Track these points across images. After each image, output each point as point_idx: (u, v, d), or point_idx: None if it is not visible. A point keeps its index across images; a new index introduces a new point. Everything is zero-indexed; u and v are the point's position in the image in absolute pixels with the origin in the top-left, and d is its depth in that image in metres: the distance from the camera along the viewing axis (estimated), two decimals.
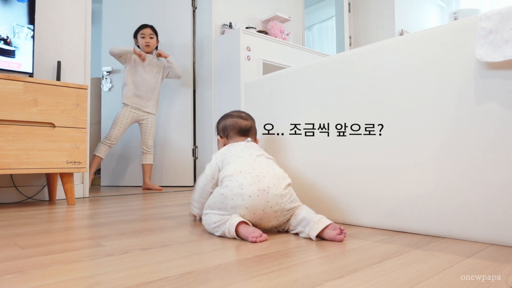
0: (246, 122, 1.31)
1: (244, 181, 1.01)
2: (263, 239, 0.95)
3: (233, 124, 1.29)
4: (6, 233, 1.12)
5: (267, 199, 0.99)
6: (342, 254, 0.82)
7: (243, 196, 0.99)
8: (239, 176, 1.03)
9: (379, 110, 1.13)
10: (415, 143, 1.04)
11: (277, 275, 0.67)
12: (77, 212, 1.61)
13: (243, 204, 0.99)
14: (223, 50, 2.89)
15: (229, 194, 1.01)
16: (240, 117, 1.31)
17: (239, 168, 1.06)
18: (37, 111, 1.75)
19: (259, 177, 1.02)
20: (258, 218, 1.01)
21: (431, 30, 1.03)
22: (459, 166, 0.95)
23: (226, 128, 1.30)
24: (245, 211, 0.99)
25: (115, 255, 0.83)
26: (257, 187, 1.00)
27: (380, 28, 3.87)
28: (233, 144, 1.22)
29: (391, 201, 1.09)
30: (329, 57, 1.32)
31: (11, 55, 1.89)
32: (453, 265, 0.72)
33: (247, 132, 1.30)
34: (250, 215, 1.00)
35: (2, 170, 1.65)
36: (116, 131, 2.69)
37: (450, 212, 0.97)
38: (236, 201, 0.99)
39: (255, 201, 0.99)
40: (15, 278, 0.67)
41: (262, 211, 1.00)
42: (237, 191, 1.00)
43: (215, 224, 1.03)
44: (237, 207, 0.99)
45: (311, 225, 0.97)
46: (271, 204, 1.00)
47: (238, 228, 0.96)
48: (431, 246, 0.88)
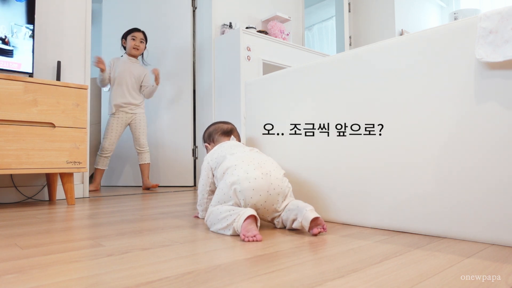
0: (227, 125, 1.48)
1: (248, 167, 1.11)
2: (254, 239, 0.95)
3: (215, 128, 1.47)
4: (6, 233, 1.12)
5: (270, 181, 1.09)
6: (342, 254, 0.82)
7: (249, 179, 1.07)
8: (242, 164, 1.13)
9: (379, 110, 1.13)
10: (415, 143, 1.04)
11: (277, 275, 0.67)
12: (77, 212, 1.61)
13: (249, 186, 1.06)
14: (223, 50, 2.89)
15: (235, 180, 1.08)
16: (220, 123, 1.50)
17: (240, 159, 1.15)
18: (37, 111, 1.75)
19: (260, 164, 1.13)
20: (263, 201, 1.08)
21: (431, 30, 1.03)
22: (459, 166, 0.95)
23: (211, 134, 1.47)
24: (252, 193, 1.06)
25: (115, 255, 0.83)
26: (260, 171, 1.10)
27: (380, 28, 3.87)
28: (221, 144, 1.34)
29: (391, 201, 1.09)
30: (329, 57, 1.32)
31: (9, 54, 1.88)
32: (453, 265, 0.72)
33: (230, 133, 1.46)
34: (257, 197, 1.07)
35: (2, 170, 1.65)
36: (108, 141, 2.69)
37: (450, 212, 0.97)
38: (243, 185, 1.07)
39: (260, 182, 1.07)
40: (15, 278, 0.67)
41: (267, 192, 1.08)
42: (244, 175, 1.08)
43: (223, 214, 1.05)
44: (244, 190, 1.06)
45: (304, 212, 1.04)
46: (274, 186, 1.09)
47: (245, 221, 0.98)
48: (431, 246, 0.88)
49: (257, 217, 1.02)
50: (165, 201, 2.02)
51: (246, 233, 0.96)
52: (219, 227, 1.06)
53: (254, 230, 0.97)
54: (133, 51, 2.80)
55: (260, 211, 1.09)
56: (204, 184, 1.29)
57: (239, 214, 1.01)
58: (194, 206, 1.76)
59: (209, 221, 1.11)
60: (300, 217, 1.05)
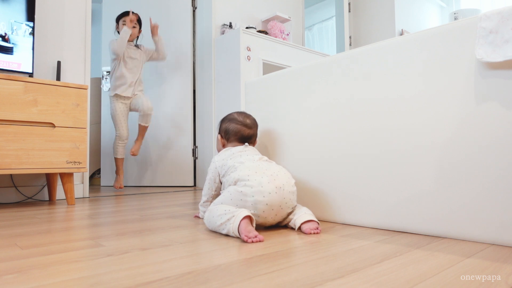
0: (249, 131, 1.35)
1: (262, 179, 1.07)
2: (257, 240, 0.95)
3: (236, 131, 1.33)
4: (6, 233, 1.12)
5: (283, 196, 1.07)
6: (342, 254, 0.82)
7: (264, 193, 1.05)
8: (256, 175, 1.08)
9: (379, 109, 1.13)
10: (416, 143, 1.04)
11: (277, 275, 0.67)
12: (77, 212, 1.61)
13: (263, 201, 1.05)
14: (223, 50, 2.89)
15: (249, 191, 1.06)
16: (244, 125, 1.34)
17: (253, 169, 1.11)
18: (37, 111, 1.75)
19: (273, 176, 1.09)
20: (274, 214, 1.07)
21: (431, 30, 1.03)
22: (459, 165, 0.95)
23: (229, 132, 1.34)
24: (265, 207, 1.05)
25: (115, 255, 0.83)
26: (274, 185, 1.07)
27: (380, 28, 3.88)
28: (230, 148, 1.29)
29: (391, 201, 1.09)
30: (329, 57, 1.32)
31: (9, 52, 1.89)
32: (453, 265, 0.72)
33: (247, 140, 1.35)
34: (269, 211, 1.06)
35: (2, 170, 1.65)
36: (123, 127, 2.70)
37: (450, 212, 0.97)
38: (257, 198, 1.04)
39: (273, 197, 1.06)
40: (15, 278, 0.67)
41: (279, 207, 1.07)
42: (258, 188, 1.05)
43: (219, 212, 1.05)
44: (257, 203, 1.04)
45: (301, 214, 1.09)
46: (286, 200, 1.08)
47: (242, 222, 0.98)
48: (431, 246, 0.88)
49: (252, 218, 1.01)
50: (165, 201, 2.02)
51: (248, 234, 0.95)
52: (214, 226, 1.06)
53: (254, 231, 0.97)
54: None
55: (267, 222, 1.09)
56: (210, 188, 1.28)
57: (234, 215, 1.00)
58: (194, 206, 1.76)
59: (206, 218, 1.12)
60: (295, 216, 1.10)
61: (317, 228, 1.06)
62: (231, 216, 1.00)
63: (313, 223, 1.07)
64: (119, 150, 2.73)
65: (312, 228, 1.05)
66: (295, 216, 1.11)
